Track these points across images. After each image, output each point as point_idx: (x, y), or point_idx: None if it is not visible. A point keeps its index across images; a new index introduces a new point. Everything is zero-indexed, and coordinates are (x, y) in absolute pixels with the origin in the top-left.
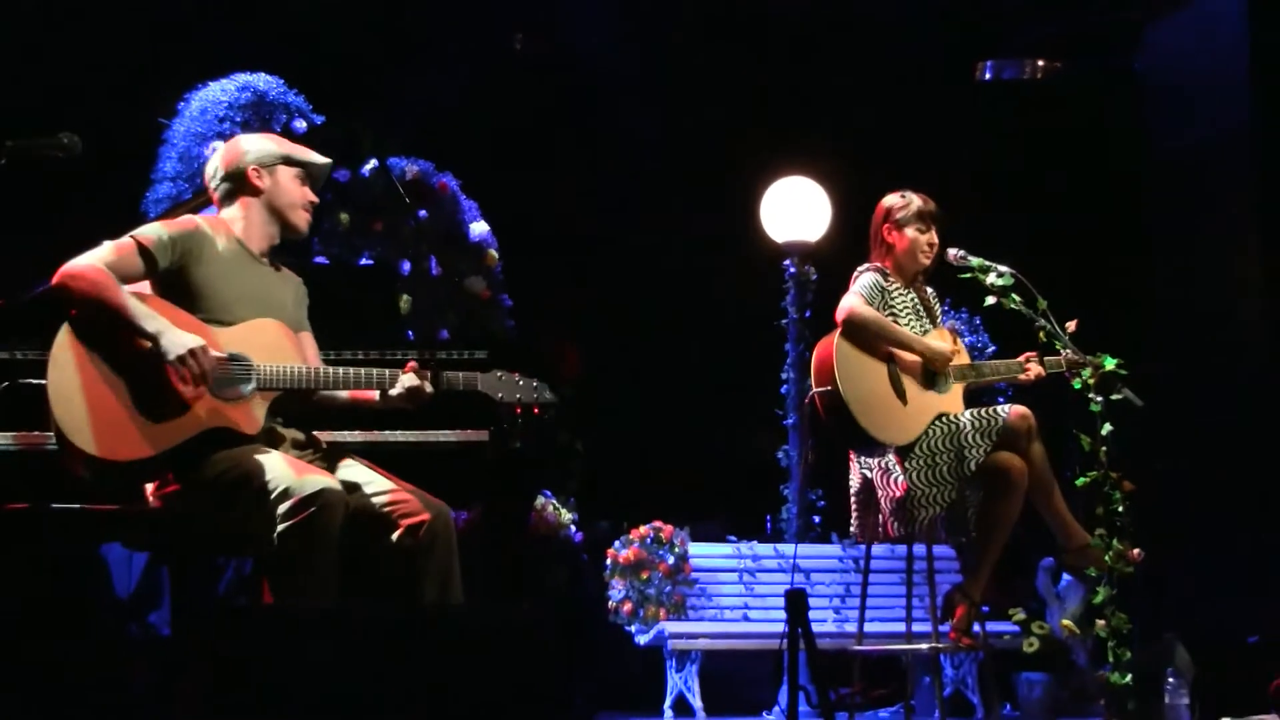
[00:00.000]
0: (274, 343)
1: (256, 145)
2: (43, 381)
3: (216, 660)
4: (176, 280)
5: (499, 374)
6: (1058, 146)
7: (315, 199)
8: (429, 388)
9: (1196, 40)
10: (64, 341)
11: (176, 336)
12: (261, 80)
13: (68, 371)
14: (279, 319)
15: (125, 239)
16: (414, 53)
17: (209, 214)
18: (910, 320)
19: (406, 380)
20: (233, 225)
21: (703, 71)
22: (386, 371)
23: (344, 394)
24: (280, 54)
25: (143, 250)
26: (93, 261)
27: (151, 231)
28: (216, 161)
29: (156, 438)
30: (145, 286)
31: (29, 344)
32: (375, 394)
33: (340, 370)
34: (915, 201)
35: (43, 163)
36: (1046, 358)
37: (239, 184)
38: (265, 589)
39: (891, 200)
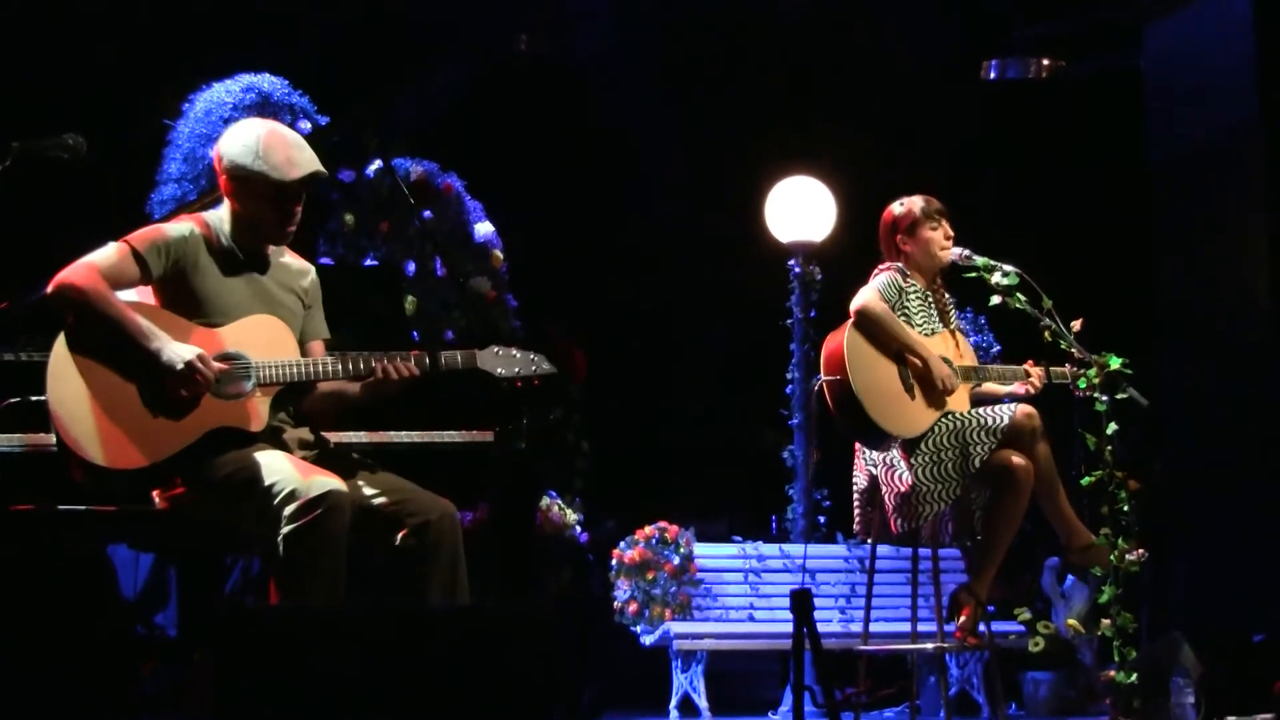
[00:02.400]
0: (271, 339)
1: (232, 148)
2: (44, 398)
3: (223, 661)
4: (173, 287)
5: (496, 349)
6: (1063, 146)
7: (291, 214)
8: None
9: (1203, 38)
10: (61, 351)
11: (174, 351)
12: (266, 81)
13: (67, 381)
14: (278, 316)
15: (120, 244)
16: (418, 53)
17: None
18: (923, 320)
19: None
20: (225, 220)
21: (708, 71)
22: (384, 358)
23: (334, 389)
24: (285, 55)
25: (137, 256)
26: (87, 271)
27: (146, 238)
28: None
29: (160, 444)
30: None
31: (34, 345)
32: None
33: (337, 358)
34: (918, 203)
35: (48, 164)
36: (1052, 368)
37: (221, 182)
38: (272, 589)
39: (895, 211)
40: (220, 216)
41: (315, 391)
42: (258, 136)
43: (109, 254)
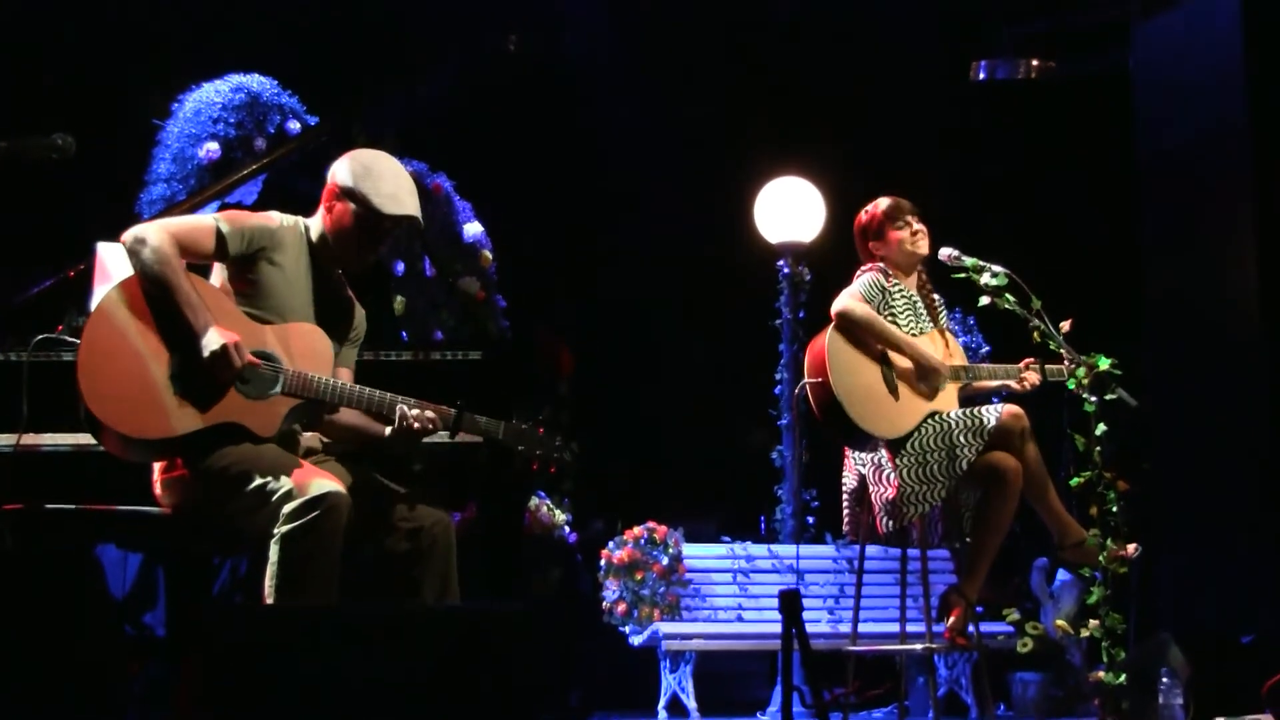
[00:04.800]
0: (311, 350)
1: (351, 164)
2: (76, 341)
3: (212, 661)
4: (242, 269)
5: (523, 426)
6: (1052, 146)
7: (374, 246)
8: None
9: (1191, 37)
10: (107, 305)
11: (213, 334)
12: (255, 81)
13: (104, 334)
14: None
15: (207, 218)
16: (408, 53)
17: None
18: (909, 320)
19: (424, 413)
20: (314, 230)
21: (696, 72)
22: (412, 400)
23: (354, 421)
24: (274, 54)
25: (219, 232)
26: (162, 230)
27: (234, 217)
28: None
29: (165, 422)
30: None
31: (21, 346)
32: (386, 430)
33: (365, 390)
34: (883, 204)
35: (36, 164)
36: (1047, 365)
37: (326, 192)
38: (264, 588)
39: (861, 218)
40: (309, 225)
41: (336, 423)
42: (376, 164)
43: (192, 222)
